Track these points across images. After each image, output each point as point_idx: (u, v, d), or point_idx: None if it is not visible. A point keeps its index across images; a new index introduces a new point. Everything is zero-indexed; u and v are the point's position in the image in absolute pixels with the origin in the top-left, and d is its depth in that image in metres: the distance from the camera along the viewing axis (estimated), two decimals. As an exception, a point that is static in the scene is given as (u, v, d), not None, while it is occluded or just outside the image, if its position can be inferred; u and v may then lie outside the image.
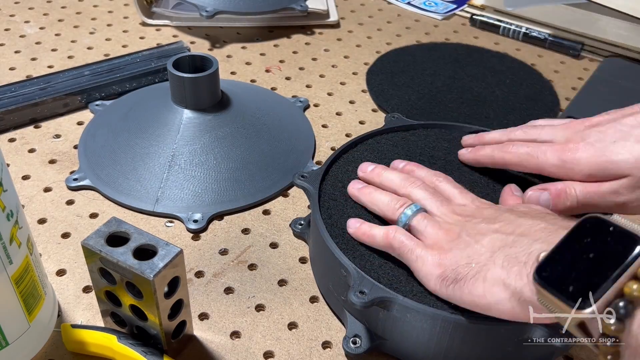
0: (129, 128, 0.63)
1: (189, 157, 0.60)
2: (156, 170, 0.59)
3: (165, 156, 0.59)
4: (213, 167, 0.60)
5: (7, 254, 0.39)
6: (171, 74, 0.60)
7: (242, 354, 0.46)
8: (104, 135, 0.64)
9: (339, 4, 0.95)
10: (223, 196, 0.59)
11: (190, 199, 0.58)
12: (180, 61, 0.61)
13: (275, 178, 0.61)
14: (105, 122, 0.66)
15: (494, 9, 0.92)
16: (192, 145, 0.60)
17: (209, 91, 0.61)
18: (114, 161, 0.61)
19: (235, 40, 0.85)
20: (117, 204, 0.58)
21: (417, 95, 0.74)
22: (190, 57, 0.62)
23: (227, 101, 0.64)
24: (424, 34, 0.89)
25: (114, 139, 0.62)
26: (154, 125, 0.62)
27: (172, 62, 0.60)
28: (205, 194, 0.58)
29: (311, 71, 0.79)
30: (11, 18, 0.86)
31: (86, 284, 0.51)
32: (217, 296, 0.51)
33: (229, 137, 0.61)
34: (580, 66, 0.83)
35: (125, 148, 0.61)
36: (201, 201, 0.58)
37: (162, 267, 0.39)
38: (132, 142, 0.61)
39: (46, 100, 0.68)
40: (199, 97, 0.61)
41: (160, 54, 0.76)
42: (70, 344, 0.45)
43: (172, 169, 0.59)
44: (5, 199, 0.38)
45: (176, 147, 0.60)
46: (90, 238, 0.41)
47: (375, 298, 0.41)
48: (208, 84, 0.61)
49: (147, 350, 0.43)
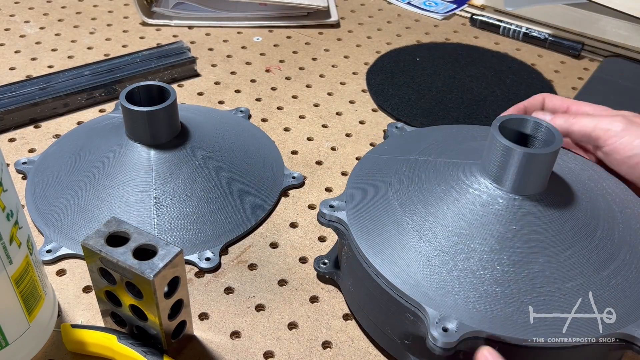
0: (90, 179, 0.55)
1: (174, 194, 0.55)
2: (144, 217, 0.53)
3: (147, 200, 0.54)
4: (203, 199, 0.55)
5: (7, 253, 0.39)
6: (129, 110, 0.54)
7: (242, 354, 0.46)
8: (59, 193, 0.56)
9: (339, 4, 0.95)
10: (225, 226, 0.55)
11: (192, 238, 0.54)
12: (131, 94, 0.55)
13: (264, 193, 0.59)
14: (49, 179, 0.58)
15: (494, 9, 0.92)
16: (173, 181, 0.55)
17: (171, 122, 0.56)
18: (89, 220, 0.54)
19: (235, 40, 0.85)
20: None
21: (417, 95, 0.74)
22: (141, 88, 0.56)
23: (185, 128, 0.59)
24: (424, 34, 0.89)
25: (75, 194, 0.55)
26: (121, 170, 0.55)
27: (125, 96, 0.54)
28: (205, 229, 0.54)
29: (311, 71, 0.79)
30: (11, 18, 0.86)
31: (86, 284, 0.51)
32: (217, 296, 0.51)
33: (206, 164, 0.57)
34: (580, 66, 0.83)
35: (96, 202, 0.54)
36: (204, 236, 0.54)
37: (162, 267, 0.39)
38: (103, 194, 0.54)
39: (46, 100, 0.67)
40: (163, 129, 0.56)
41: (160, 53, 0.76)
42: (70, 344, 0.45)
43: (160, 210, 0.54)
44: (5, 199, 0.38)
45: (156, 187, 0.54)
46: (90, 238, 0.41)
47: (462, 335, 0.37)
48: (170, 114, 0.55)
49: (147, 350, 0.43)
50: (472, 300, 0.39)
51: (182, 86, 0.75)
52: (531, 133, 0.45)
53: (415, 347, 0.41)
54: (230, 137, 0.62)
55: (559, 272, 0.40)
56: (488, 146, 0.43)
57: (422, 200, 0.45)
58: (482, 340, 0.38)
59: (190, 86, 0.75)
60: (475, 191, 0.44)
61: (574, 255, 0.41)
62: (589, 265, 0.41)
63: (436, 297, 0.40)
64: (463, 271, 0.41)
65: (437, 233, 0.42)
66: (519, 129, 0.45)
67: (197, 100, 0.73)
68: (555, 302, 0.39)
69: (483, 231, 0.42)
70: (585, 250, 0.42)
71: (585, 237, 0.42)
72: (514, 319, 0.39)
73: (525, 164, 0.42)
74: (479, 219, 0.42)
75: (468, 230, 0.42)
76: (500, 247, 0.41)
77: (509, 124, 0.44)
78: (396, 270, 0.41)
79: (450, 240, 0.42)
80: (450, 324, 0.38)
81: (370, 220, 0.45)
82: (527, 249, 0.41)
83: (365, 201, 0.46)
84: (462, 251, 0.41)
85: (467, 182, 0.44)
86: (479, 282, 0.40)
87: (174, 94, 0.55)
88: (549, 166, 0.43)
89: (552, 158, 0.42)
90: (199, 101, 0.73)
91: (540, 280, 0.40)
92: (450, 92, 0.75)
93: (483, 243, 0.41)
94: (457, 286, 0.40)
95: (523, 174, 0.42)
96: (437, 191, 0.45)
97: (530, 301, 0.39)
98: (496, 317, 0.39)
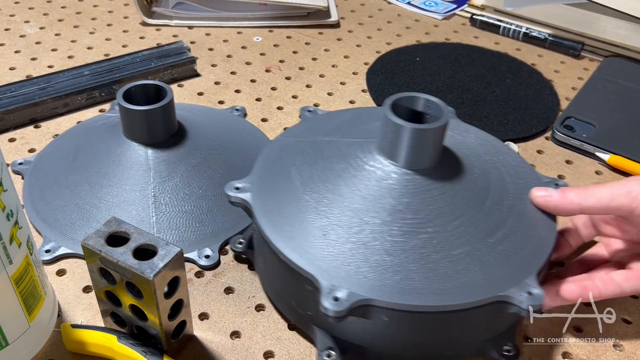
0: (88, 179, 0.55)
1: (172, 192, 0.55)
2: (142, 216, 0.54)
3: (146, 198, 0.54)
4: (202, 197, 0.55)
5: (7, 253, 0.39)
6: (126, 109, 0.54)
7: (242, 354, 0.46)
8: (57, 194, 0.56)
9: (339, 4, 0.95)
10: (223, 224, 0.55)
11: (191, 236, 0.54)
12: (129, 94, 0.55)
13: None
14: (46, 179, 0.58)
15: (494, 8, 0.92)
16: (171, 179, 0.55)
17: (168, 121, 0.56)
18: (87, 219, 0.54)
19: (235, 40, 0.85)
20: None
21: (417, 95, 0.74)
22: (138, 87, 0.56)
23: (182, 127, 0.59)
24: (424, 34, 0.89)
25: (74, 194, 0.55)
26: (119, 169, 0.55)
27: (122, 95, 0.54)
28: (204, 226, 0.54)
29: (311, 71, 0.79)
30: (11, 18, 0.86)
31: (86, 284, 0.51)
32: (217, 296, 0.51)
33: (204, 162, 0.57)
34: (580, 66, 0.83)
35: (94, 202, 0.54)
36: (203, 234, 0.54)
37: (162, 267, 0.39)
38: (101, 193, 0.55)
39: (46, 100, 0.67)
40: (160, 128, 0.56)
41: (160, 53, 0.76)
42: (70, 344, 0.45)
43: (159, 209, 0.54)
44: (5, 199, 0.38)
45: (154, 185, 0.54)
46: (90, 238, 0.41)
47: (352, 304, 0.40)
48: (167, 113, 0.56)
49: (147, 350, 0.43)
50: (363, 270, 0.42)
51: (182, 86, 0.75)
52: (423, 110, 0.47)
53: (318, 318, 0.42)
54: (227, 135, 0.62)
55: (447, 240, 0.43)
56: (382, 124, 0.45)
57: (322, 179, 0.47)
58: (374, 307, 0.41)
59: (190, 86, 0.75)
60: (371, 167, 0.46)
61: (463, 224, 0.44)
62: (476, 234, 0.44)
63: (330, 269, 0.42)
64: (355, 243, 0.43)
65: (334, 208, 0.45)
66: (411, 106, 0.47)
67: (197, 100, 0.73)
68: (441, 268, 0.42)
69: (376, 205, 0.44)
70: (474, 219, 0.44)
71: (475, 207, 0.45)
72: (402, 286, 0.41)
73: (415, 140, 0.44)
74: (373, 193, 0.45)
75: (362, 204, 0.44)
76: (392, 219, 0.43)
77: (401, 101, 0.46)
78: (293, 245, 0.43)
79: (345, 215, 0.44)
80: (341, 294, 0.40)
81: (273, 200, 0.47)
82: (417, 220, 0.43)
83: (270, 182, 0.48)
84: (355, 224, 0.43)
85: (365, 159, 0.47)
86: (370, 253, 0.42)
87: (171, 93, 0.55)
88: (438, 141, 0.45)
89: (440, 133, 0.45)
90: (199, 101, 0.72)
91: (428, 249, 0.42)
92: (450, 92, 0.75)
93: (375, 216, 0.44)
94: (350, 257, 0.42)
95: (414, 149, 0.44)
96: (337, 169, 0.47)
97: (418, 269, 0.42)
98: (385, 285, 0.41)
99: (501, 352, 0.45)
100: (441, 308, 0.40)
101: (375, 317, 0.41)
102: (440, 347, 0.44)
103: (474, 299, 0.40)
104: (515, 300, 0.41)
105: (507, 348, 0.45)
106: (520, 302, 0.40)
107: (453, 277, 0.41)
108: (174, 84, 0.75)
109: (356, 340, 0.44)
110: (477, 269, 0.42)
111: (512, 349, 0.45)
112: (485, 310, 0.41)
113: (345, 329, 0.44)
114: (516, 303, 0.41)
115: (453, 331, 0.43)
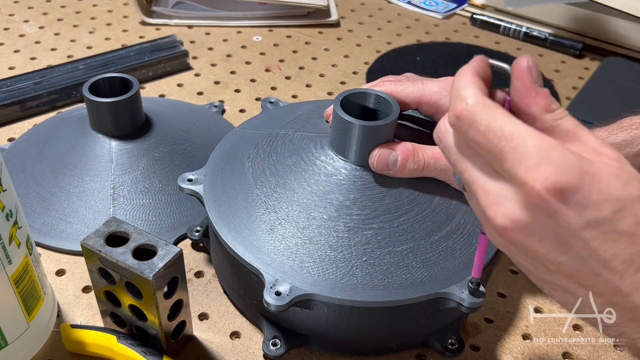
0: (52, 168, 0.56)
1: (131, 185, 0.55)
2: (99, 207, 0.54)
3: (105, 190, 0.54)
4: (161, 191, 0.56)
5: (6, 254, 0.39)
6: (91, 101, 0.54)
7: (242, 354, 0.46)
8: (21, 181, 0.56)
9: (339, 3, 0.95)
10: (181, 219, 0.55)
11: (147, 229, 0.53)
12: (95, 86, 0.55)
13: None
14: (14, 167, 0.58)
15: (494, 8, 0.92)
16: (132, 172, 0.55)
17: (134, 113, 0.57)
18: (47, 208, 0.54)
19: (235, 40, 0.85)
20: (65, 253, 0.53)
21: (418, 94, 0.74)
22: (105, 80, 0.56)
23: (149, 120, 0.59)
24: (425, 34, 0.89)
25: (37, 183, 0.56)
26: (82, 160, 0.56)
27: (88, 88, 0.55)
28: (161, 220, 0.54)
29: (311, 71, 0.79)
30: (10, 17, 0.86)
31: (86, 284, 0.51)
32: (217, 296, 0.50)
33: (167, 156, 0.57)
34: (581, 65, 0.83)
35: (55, 191, 0.55)
36: (159, 228, 0.54)
37: (162, 267, 0.39)
38: (62, 183, 0.55)
39: (41, 94, 0.68)
40: (126, 120, 0.56)
41: (153, 47, 0.77)
42: (70, 344, 0.45)
43: (117, 201, 0.54)
44: (4, 199, 0.38)
45: (114, 177, 0.55)
46: (89, 238, 0.40)
47: (293, 299, 0.40)
48: (133, 105, 0.56)
49: (147, 351, 0.43)
50: (307, 265, 0.42)
51: (181, 86, 0.75)
52: (375, 107, 0.47)
53: (263, 308, 0.42)
54: (196, 130, 0.62)
55: (391, 237, 0.43)
56: (333, 120, 0.46)
57: (273, 172, 0.47)
58: (315, 301, 0.41)
59: (190, 86, 0.75)
60: (322, 163, 0.46)
61: (408, 220, 0.44)
62: (421, 230, 0.44)
63: (274, 263, 0.42)
64: (301, 238, 0.43)
65: (283, 203, 0.45)
66: (363, 103, 0.47)
67: (197, 99, 0.73)
68: (384, 264, 0.42)
69: (324, 200, 0.44)
70: (420, 216, 0.44)
71: (422, 204, 0.45)
72: (344, 281, 0.42)
73: (364, 137, 0.44)
74: (322, 189, 0.45)
75: (311, 199, 0.45)
76: (338, 215, 0.44)
77: (352, 97, 0.46)
78: (240, 239, 0.44)
79: (293, 210, 0.44)
80: (283, 288, 0.41)
81: (225, 193, 0.47)
82: (363, 216, 0.44)
83: (223, 174, 0.49)
84: (303, 219, 0.44)
85: (316, 154, 0.47)
86: (315, 248, 0.43)
87: (137, 85, 0.56)
88: (388, 137, 0.45)
89: (389, 130, 0.45)
90: (198, 100, 0.72)
91: (372, 245, 0.43)
92: (450, 92, 0.75)
93: (323, 212, 0.44)
94: (295, 252, 0.43)
95: (363, 146, 0.44)
96: (289, 163, 0.47)
97: (361, 264, 0.42)
98: (327, 280, 0.42)
99: (445, 345, 0.46)
100: (381, 304, 0.41)
101: (317, 309, 0.42)
102: (383, 338, 0.46)
103: (414, 295, 0.41)
104: (456, 297, 0.41)
105: (451, 341, 0.46)
106: (461, 299, 0.41)
107: (395, 273, 0.42)
108: (175, 85, 0.75)
109: (302, 329, 0.45)
110: (419, 266, 0.42)
111: (455, 342, 0.46)
112: (426, 305, 0.42)
113: (289, 319, 0.45)
114: (456, 300, 0.41)
115: (395, 324, 0.44)
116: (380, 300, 0.41)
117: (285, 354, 0.45)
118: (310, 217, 0.44)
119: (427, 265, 0.43)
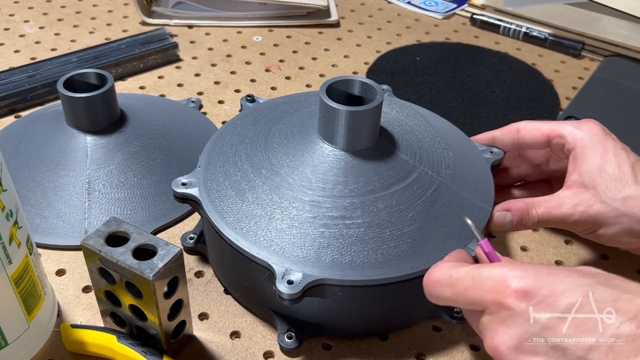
0: (27, 164, 0.56)
1: (106, 179, 0.56)
2: (75, 201, 0.55)
3: (80, 184, 0.55)
4: (136, 185, 0.56)
5: (6, 253, 0.39)
6: (66, 96, 0.55)
7: (242, 354, 0.46)
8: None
9: (339, 3, 0.95)
10: (155, 212, 0.56)
11: None
12: (70, 81, 0.56)
13: None
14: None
15: (494, 8, 0.92)
16: (107, 166, 0.56)
17: (109, 108, 0.57)
18: (23, 203, 0.54)
19: (235, 40, 0.85)
20: (41, 247, 0.53)
21: (417, 95, 0.74)
22: (80, 75, 0.57)
23: (125, 115, 0.59)
24: (424, 34, 0.89)
25: (13, 179, 0.54)
26: (57, 155, 0.56)
27: (63, 83, 0.55)
28: (136, 214, 0.55)
29: (311, 71, 0.79)
30: (11, 17, 0.86)
31: (86, 284, 0.51)
32: (217, 296, 0.50)
33: (142, 151, 0.58)
34: (580, 66, 0.83)
35: (30, 186, 0.55)
36: (134, 221, 0.54)
37: (162, 267, 0.39)
38: (38, 178, 0.56)
39: (35, 87, 0.69)
40: (101, 115, 0.57)
41: (144, 40, 0.78)
42: (70, 344, 0.45)
43: (92, 195, 0.55)
44: (4, 199, 0.38)
45: (90, 172, 0.55)
46: (89, 238, 0.40)
47: (306, 285, 0.41)
48: (108, 100, 0.56)
49: (147, 350, 0.43)
50: (312, 251, 0.43)
51: (181, 85, 0.75)
52: (360, 94, 0.48)
53: (274, 302, 0.43)
54: (172, 125, 0.63)
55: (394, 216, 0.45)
56: (319, 109, 0.47)
57: (266, 166, 0.48)
58: (328, 286, 0.42)
59: (190, 86, 0.75)
60: (312, 151, 0.48)
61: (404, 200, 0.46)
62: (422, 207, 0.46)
63: (280, 253, 0.43)
64: (301, 225, 0.44)
65: (278, 194, 0.46)
66: (348, 90, 0.48)
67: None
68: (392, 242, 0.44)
69: (317, 187, 0.46)
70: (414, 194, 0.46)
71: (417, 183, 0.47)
72: (352, 262, 0.43)
73: (350, 122, 0.45)
74: (314, 176, 0.46)
75: (304, 188, 0.46)
76: (332, 200, 0.45)
77: (338, 85, 0.48)
78: (244, 235, 0.45)
79: (288, 199, 0.46)
80: (294, 277, 0.42)
81: (221, 192, 0.47)
82: (360, 197, 0.45)
83: (216, 174, 0.49)
84: (297, 208, 0.45)
85: (305, 143, 0.48)
86: (316, 234, 0.44)
87: (111, 81, 0.56)
88: (374, 122, 0.46)
89: (374, 114, 0.46)
90: (198, 101, 0.72)
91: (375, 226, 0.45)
92: (450, 92, 0.75)
93: (317, 198, 0.45)
94: (298, 240, 0.44)
95: (350, 131, 0.46)
96: (279, 155, 0.48)
97: (365, 245, 0.44)
98: (335, 263, 0.43)
99: (452, 314, 0.47)
100: (393, 279, 0.43)
101: (329, 295, 0.43)
102: (395, 316, 0.46)
103: (424, 267, 0.42)
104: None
105: (457, 309, 0.47)
106: None
107: (403, 249, 0.44)
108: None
109: (314, 319, 0.45)
110: (422, 242, 0.45)
111: (460, 310, 0.47)
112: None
113: (302, 309, 0.45)
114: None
115: (405, 299, 0.45)
116: (391, 276, 0.42)
117: (301, 345, 0.45)
118: (305, 203, 0.45)
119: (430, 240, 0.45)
